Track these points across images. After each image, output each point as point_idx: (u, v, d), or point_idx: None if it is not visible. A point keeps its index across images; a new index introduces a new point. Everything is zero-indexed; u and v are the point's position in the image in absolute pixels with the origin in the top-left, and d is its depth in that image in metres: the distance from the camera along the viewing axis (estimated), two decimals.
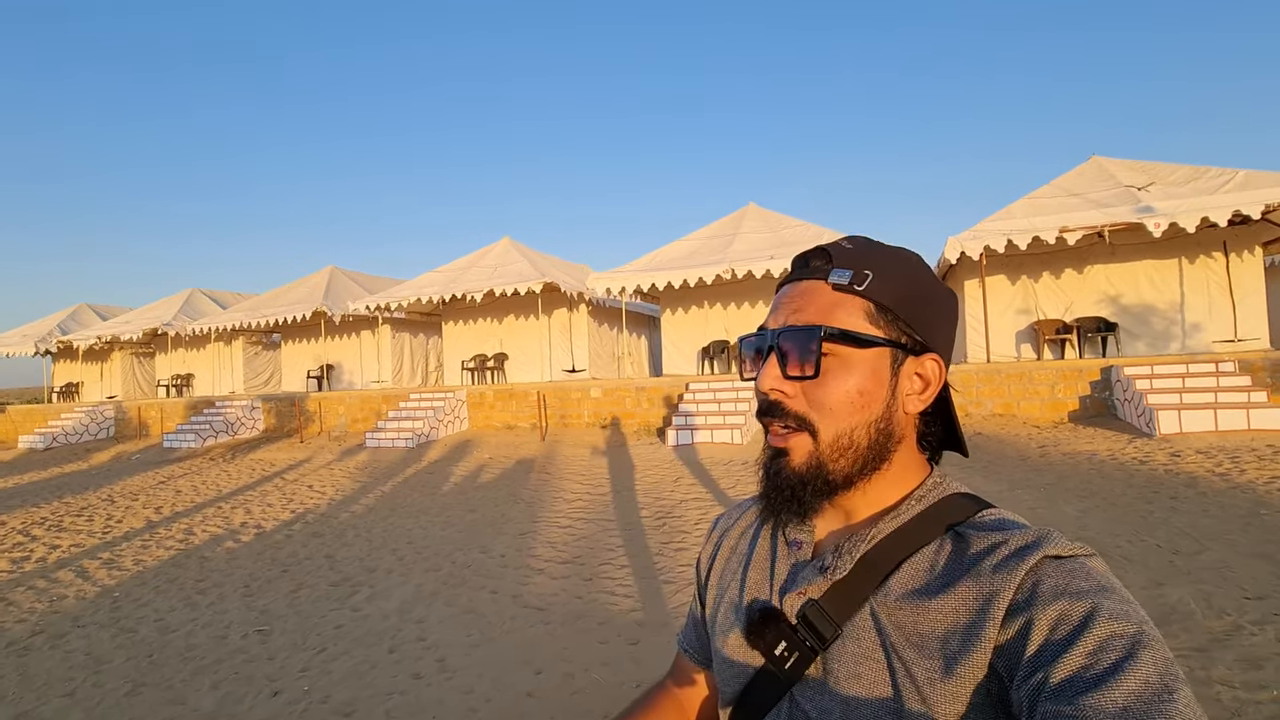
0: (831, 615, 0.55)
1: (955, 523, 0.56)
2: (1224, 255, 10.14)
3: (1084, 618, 0.44)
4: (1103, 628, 0.43)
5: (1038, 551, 0.49)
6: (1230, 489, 5.12)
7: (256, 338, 18.59)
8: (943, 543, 0.55)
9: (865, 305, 0.57)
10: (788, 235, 11.69)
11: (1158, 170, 9.91)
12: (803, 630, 0.56)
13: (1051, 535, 0.50)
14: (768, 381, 0.57)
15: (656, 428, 10.63)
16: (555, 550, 4.81)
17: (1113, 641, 0.42)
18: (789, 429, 0.57)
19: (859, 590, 0.55)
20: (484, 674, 3.00)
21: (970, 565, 0.51)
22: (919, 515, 0.57)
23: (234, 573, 4.74)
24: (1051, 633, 0.45)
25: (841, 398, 0.56)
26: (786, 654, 0.56)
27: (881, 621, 0.53)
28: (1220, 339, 10.08)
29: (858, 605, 0.55)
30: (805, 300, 0.58)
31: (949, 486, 0.60)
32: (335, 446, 11.53)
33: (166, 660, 3.35)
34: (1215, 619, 3.01)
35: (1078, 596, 0.45)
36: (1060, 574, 0.47)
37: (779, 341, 0.57)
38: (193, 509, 7.11)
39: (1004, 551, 0.50)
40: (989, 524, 0.54)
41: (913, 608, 0.52)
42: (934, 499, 0.58)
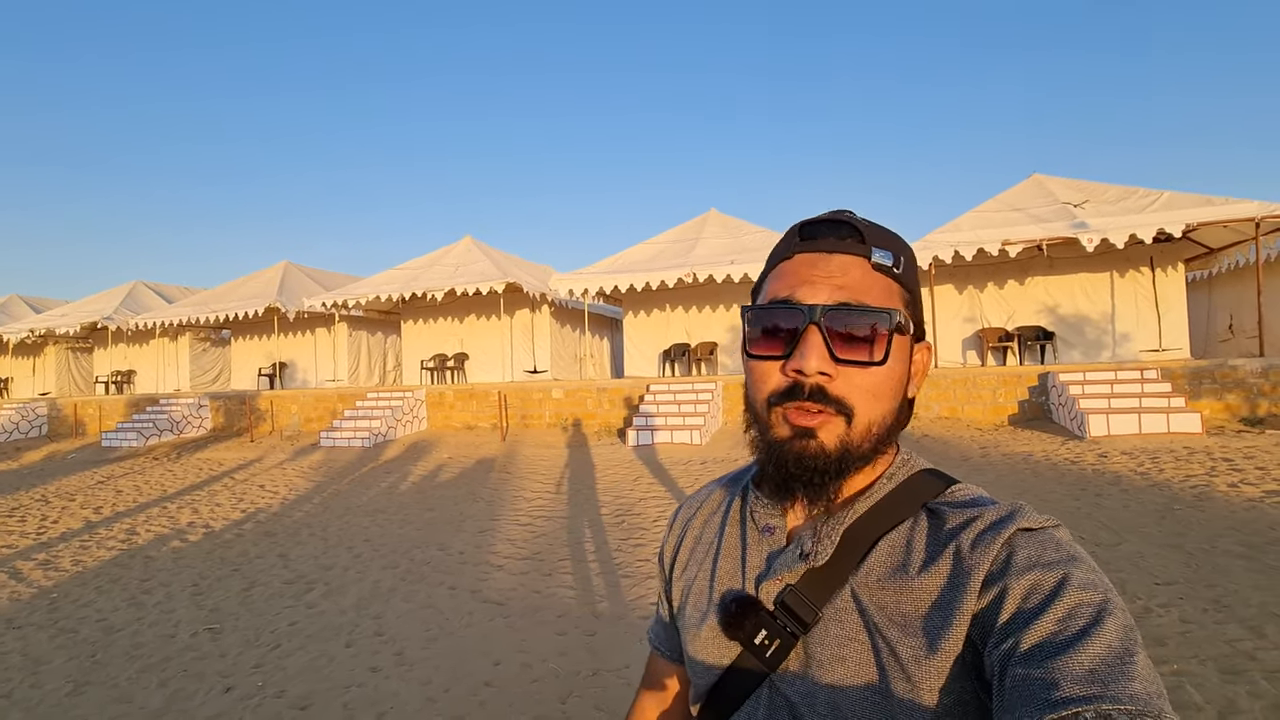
0: (811, 600, 0.54)
1: (928, 500, 0.56)
2: (1150, 270, 10.85)
3: (1055, 586, 0.46)
4: (1072, 596, 0.45)
5: (1011, 525, 0.50)
6: (1149, 486, 5.51)
7: (204, 334, 17.92)
8: (918, 520, 0.55)
9: (902, 291, 0.57)
10: (748, 241, 11.95)
11: (1092, 189, 10.53)
12: (782, 616, 0.55)
13: (1023, 509, 0.52)
14: (814, 363, 0.52)
15: (617, 428, 10.72)
16: (515, 547, 4.85)
17: (1081, 609, 0.44)
18: (825, 411, 0.53)
19: (838, 572, 0.54)
20: (442, 666, 3.04)
21: (948, 541, 0.52)
22: (892, 493, 0.57)
23: (181, 572, 4.63)
24: (1024, 600, 0.46)
25: (888, 384, 0.55)
26: (767, 642, 0.55)
27: (863, 602, 0.53)
28: (1146, 348, 10.77)
29: (837, 587, 0.54)
30: (850, 278, 0.55)
31: (916, 464, 0.60)
32: (288, 446, 11.24)
33: (111, 659, 3.27)
34: (1128, 603, 3.25)
35: (1049, 567, 0.47)
36: (1033, 545, 0.49)
37: (826, 319, 0.53)
38: (135, 509, 6.86)
39: (980, 526, 0.51)
40: (963, 501, 0.55)
41: (894, 586, 0.52)
42: (904, 477, 0.58)
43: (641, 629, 3.31)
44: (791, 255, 0.58)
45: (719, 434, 9.82)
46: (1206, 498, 5.05)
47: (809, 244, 0.57)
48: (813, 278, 0.55)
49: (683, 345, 13.13)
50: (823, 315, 0.53)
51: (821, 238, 0.57)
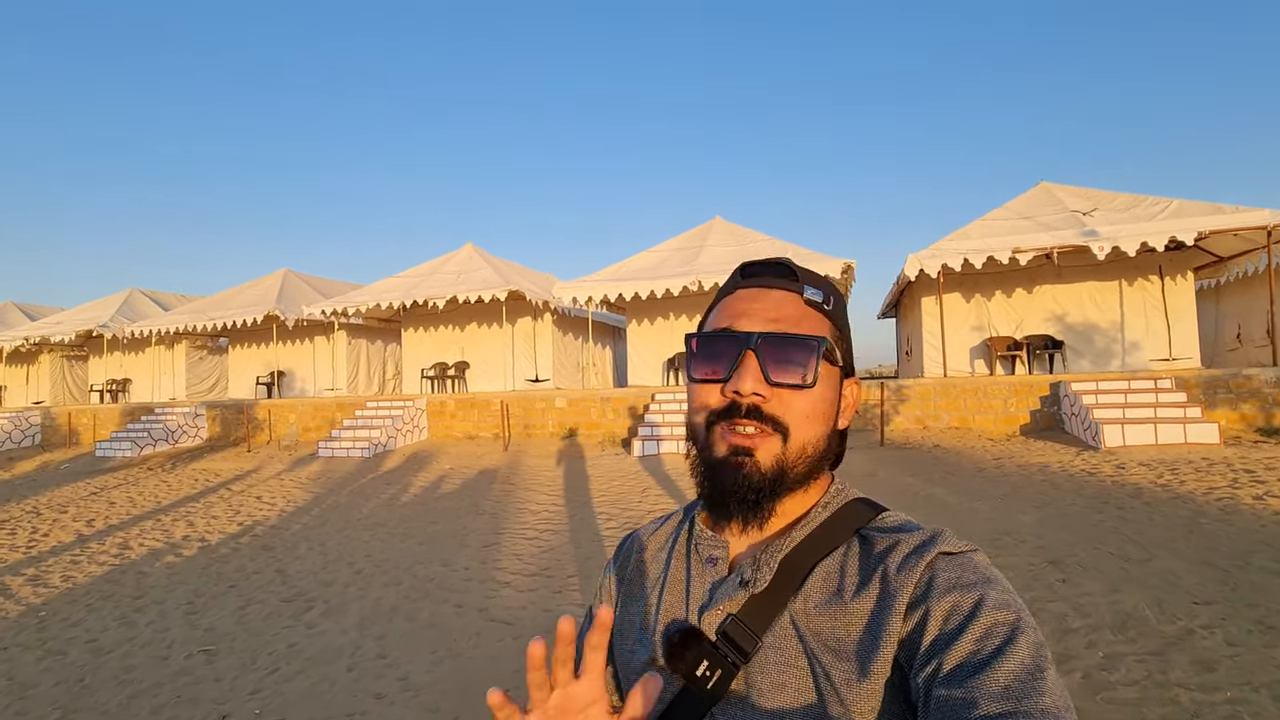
0: (752, 628, 0.56)
1: (860, 526, 0.59)
2: (1159, 279, 10.75)
3: (973, 607, 0.48)
4: (988, 616, 0.48)
5: (933, 548, 0.53)
6: (1172, 499, 5.37)
7: (201, 342, 17.75)
8: (850, 545, 0.58)
9: (830, 326, 0.61)
10: (754, 249, 11.85)
11: (1100, 197, 10.46)
12: (724, 646, 0.56)
13: (944, 534, 0.55)
14: (750, 384, 0.56)
15: (621, 438, 10.56)
16: (522, 562, 4.69)
17: (996, 628, 0.47)
18: (761, 431, 0.57)
19: (778, 599, 0.56)
20: (449, 690, 2.88)
21: (876, 565, 0.54)
22: (827, 521, 0.60)
23: (175, 589, 4.46)
24: (945, 622, 0.48)
25: (818, 407, 0.58)
26: (708, 673, 0.55)
27: (801, 628, 0.54)
28: (1156, 357, 10.65)
29: (777, 613, 0.55)
30: (784, 310, 0.59)
31: (849, 493, 0.63)
32: (286, 456, 11.06)
33: (100, 684, 3.10)
34: (1169, 624, 3.12)
35: (967, 589, 0.50)
36: (952, 568, 0.52)
37: (760, 345, 0.57)
38: (129, 521, 6.68)
39: (904, 550, 0.54)
40: (890, 526, 0.58)
41: (829, 612, 0.54)
42: (838, 505, 0.61)
43: None
44: (734, 291, 0.63)
45: None
46: (1233, 511, 4.91)
47: (749, 281, 0.62)
48: (750, 310, 0.60)
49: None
50: (758, 341, 0.57)
51: (760, 275, 0.62)
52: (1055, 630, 3.12)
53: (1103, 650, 2.91)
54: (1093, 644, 2.98)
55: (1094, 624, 3.17)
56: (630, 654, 0.64)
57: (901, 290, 13.50)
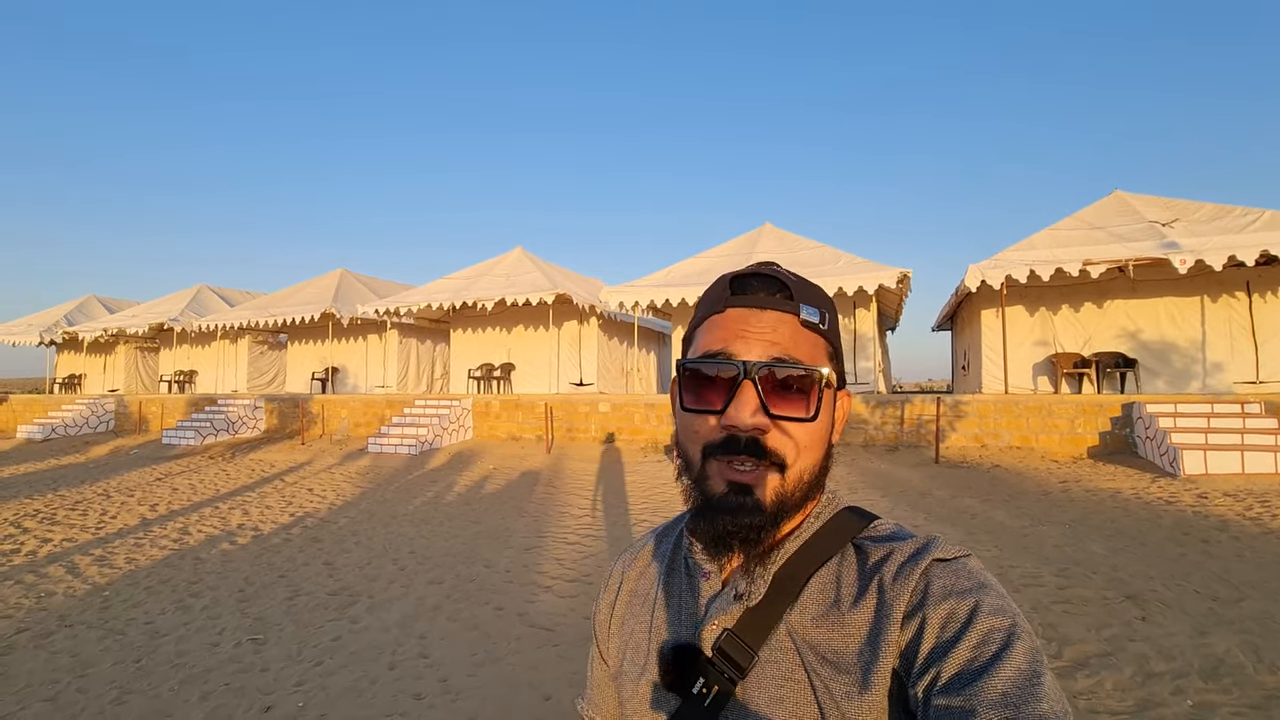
0: (747, 642, 0.55)
1: (852, 537, 0.58)
2: (1247, 295, 10.00)
3: (969, 613, 0.48)
4: (984, 622, 0.47)
5: (927, 555, 0.52)
6: (1264, 534, 4.93)
7: (263, 337, 18.53)
8: (845, 556, 0.57)
9: (826, 346, 0.58)
10: (803, 256, 11.61)
11: (1181, 207, 9.81)
12: (720, 662, 0.55)
13: (937, 540, 0.54)
14: (748, 416, 0.53)
15: (664, 445, 10.46)
16: (563, 567, 4.64)
17: (993, 635, 0.47)
18: (760, 466, 0.54)
19: (773, 612, 0.55)
20: (490, 697, 2.83)
21: (872, 575, 0.54)
22: (819, 532, 0.58)
23: (229, 576, 4.58)
24: (942, 631, 0.48)
25: (818, 436, 0.56)
26: (705, 690, 0.55)
27: (798, 640, 0.53)
28: (1242, 380, 9.90)
29: (773, 627, 0.54)
30: (781, 334, 0.56)
31: (840, 502, 0.61)
32: (337, 450, 11.38)
33: (155, 666, 3.18)
34: (1268, 674, 2.83)
35: (962, 595, 0.49)
36: (947, 575, 0.51)
37: (759, 375, 0.54)
38: (189, 508, 6.95)
39: (899, 559, 0.53)
40: (883, 535, 0.57)
41: (826, 624, 0.53)
42: (829, 515, 0.60)
43: None
44: (723, 309, 0.58)
45: None
46: None
47: (740, 298, 0.58)
48: (745, 333, 0.56)
49: None
50: (757, 371, 0.54)
51: (752, 293, 0.58)
52: (1137, 673, 2.86)
53: (1192, 699, 2.65)
54: (1180, 690, 2.72)
55: (1180, 668, 2.90)
56: (629, 676, 0.63)
57: (959, 302, 12.99)
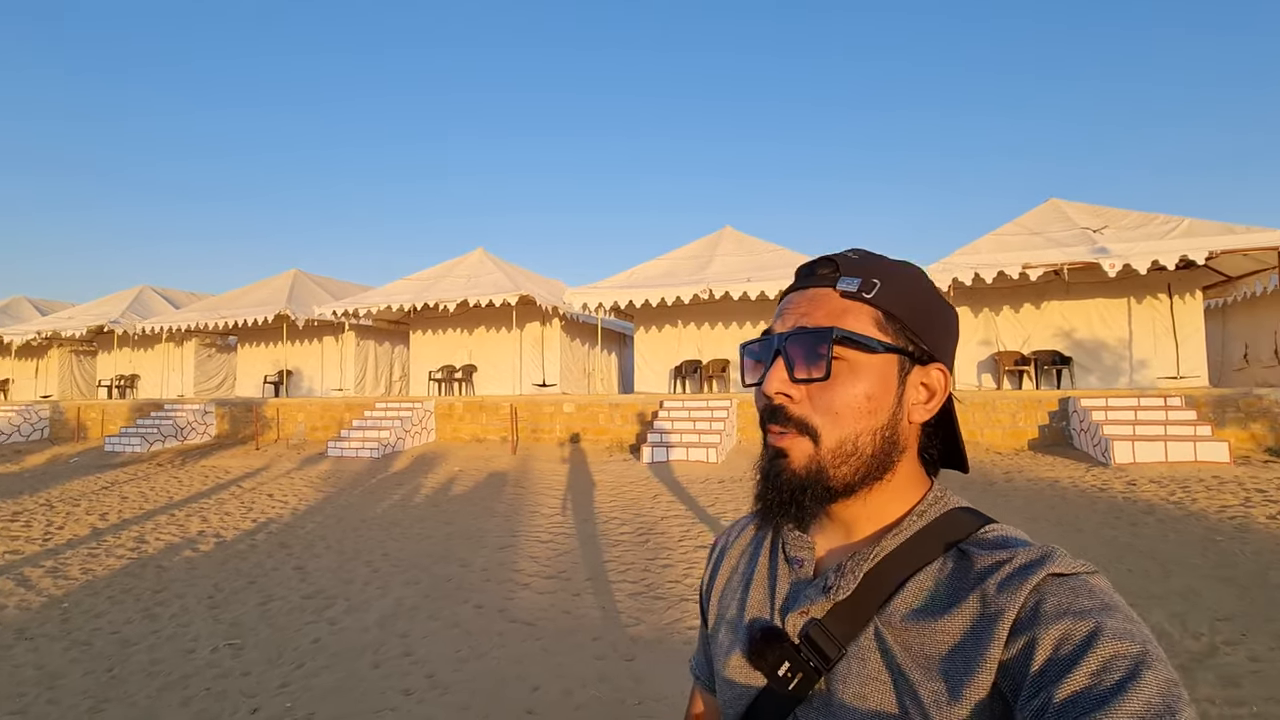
0: (835, 635, 0.54)
1: (958, 540, 0.54)
2: (1168, 297, 10.79)
3: (1087, 637, 0.43)
4: (1106, 647, 0.42)
5: (1041, 570, 0.48)
6: (1185, 516, 5.39)
7: (211, 339, 17.83)
8: (945, 561, 0.54)
9: (874, 313, 0.57)
10: (764, 259, 11.92)
11: (1110, 214, 10.52)
12: (806, 650, 0.55)
13: (1055, 553, 0.50)
14: (774, 385, 0.56)
15: (629, 444, 10.59)
16: (538, 565, 4.71)
17: (1116, 661, 0.42)
18: (790, 432, 0.56)
19: (863, 610, 0.54)
20: (478, 690, 2.90)
21: (974, 584, 0.51)
22: (921, 532, 0.56)
23: (196, 583, 4.49)
24: (1055, 652, 0.44)
25: (849, 402, 0.55)
26: (790, 674, 0.55)
27: (886, 642, 0.52)
28: (1164, 375, 10.68)
29: (862, 625, 0.54)
30: (813, 306, 0.57)
31: (950, 501, 0.58)
32: (295, 455, 11.09)
33: (129, 675, 3.13)
34: (1192, 640, 3.15)
35: (1081, 615, 0.45)
36: (1063, 592, 0.47)
37: (786, 345, 0.56)
38: (142, 516, 6.71)
39: (1007, 569, 0.50)
40: (991, 541, 0.53)
41: (918, 628, 0.51)
42: (935, 514, 0.57)
43: (683, 654, 3.18)
44: (785, 296, 0.62)
45: (734, 452, 9.69)
46: (1247, 530, 4.93)
47: (796, 283, 0.61)
48: (785, 310, 0.59)
49: (694, 362, 13.03)
50: (784, 341, 0.57)
51: (805, 275, 0.61)
52: None
53: None
54: None
55: None
56: (722, 648, 0.64)
57: None
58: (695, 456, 8.99)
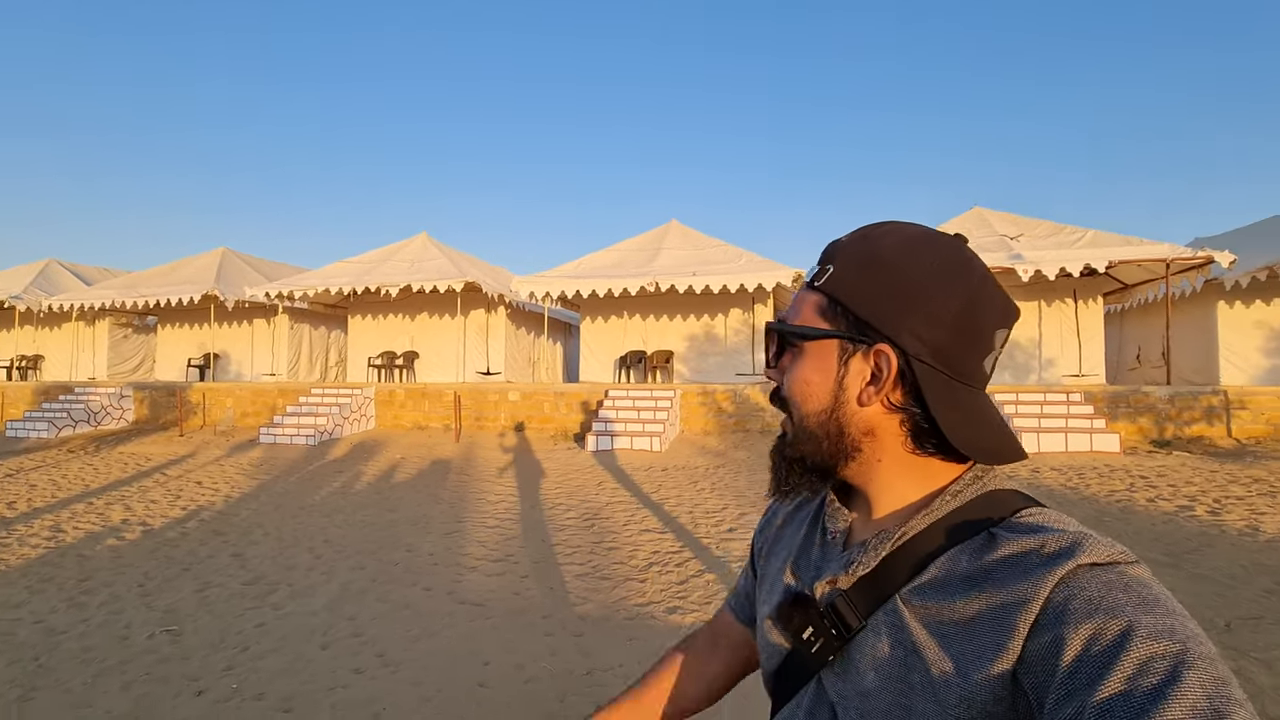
0: (858, 607, 0.55)
1: (991, 521, 0.52)
2: (1074, 301, 11.76)
3: (1119, 636, 0.40)
4: (1142, 648, 0.39)
5: (1071, 559, 0.45)
6: (1079, 500, 5.99)
7: (127, 319, 16.71)
8: (973, 543, 0.52)
9: (818, 300, 0.59)
10: (709, 254, 12.21)
11: (1026, 224, 11.35)
12: (830, 618, 0.57)
13: (1088, 540, 0.47)
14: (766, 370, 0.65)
15: (574, 433, 10.69)
16: (486, 549, 4.79)
17: (1153, 663, 0.39)
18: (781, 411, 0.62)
19: (886, 585, 0.54)
20: (430, 666, 2.99)
21: (998, 569, 0.49)
22: (953, 513, 0.54)
23: (124, 572, 4.34)
24: (1084, 653, 0.41)
25: (793, 387, 0.60)
26: (812, 639, 0.58)
27: (904, 619, 0.52)
28: (1068, 373, 11.65)
29: (883, 600, 0.54)
30: (796, 299, 0.63)
31: (989, 483, 0.56)
32: (223, 441, 10.63)
33: (59, 664, 3.05)
34: None
35: (1113, 613, 0.42)
36: (1095, 585, 0.44)
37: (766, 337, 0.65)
38: (57, 504, 6.35)
39: (1034, 558, 0.47)
40: (1024, 526, 0.51)
41: (937, 608, 0.51)
42: (971, 495, 0.55)
43: (627, 630, 3.36)
44: None
45: (677, 441, 9.95)
46: (1130, 512, 5.53)
47: None
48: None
49: (639, 353, 13.23)
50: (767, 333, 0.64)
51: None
52: None
53: None
54: None
55: None
56: (763, 604, 0.69)
57: None
58: (639, 445, 9.20)
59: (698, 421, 10.79)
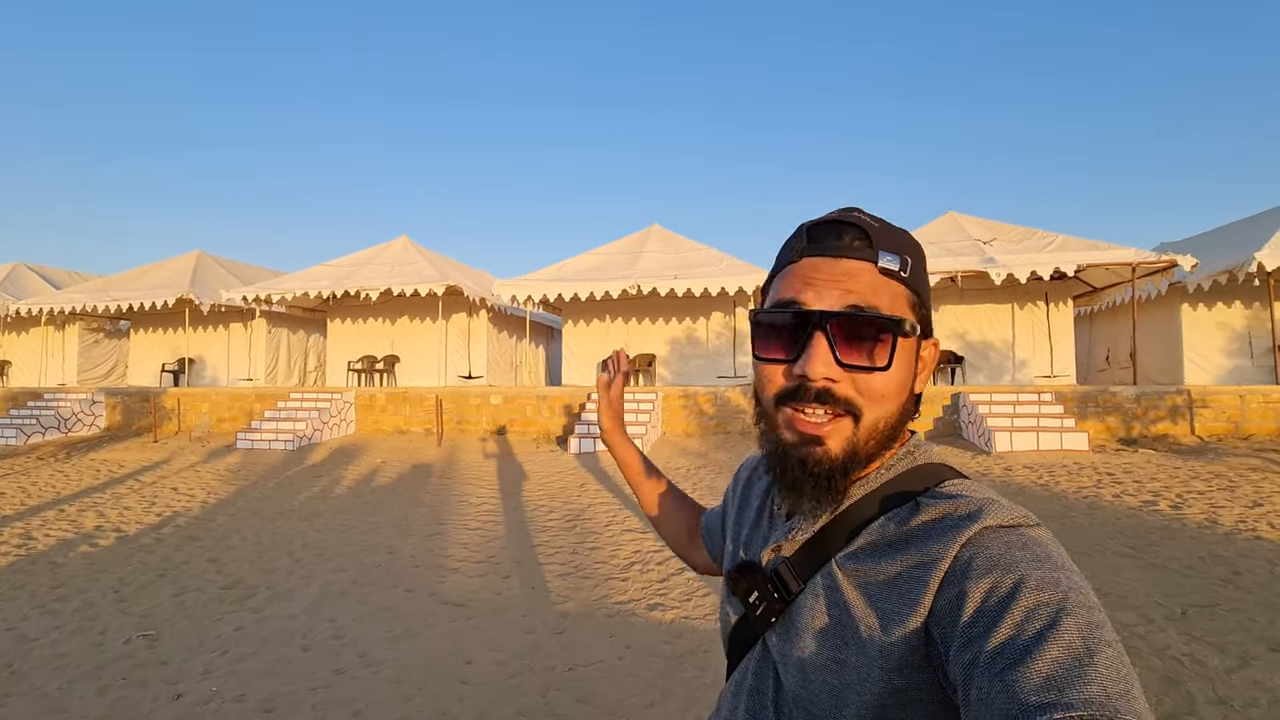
0: (798, 571, 0.59)
1: (916, 491, 0.57)
2: (1045, 304, 12.06)
3: (1011, 589, 0.45)
4: (1028, 598, 0.44)
5: (978, 521, 0.50)
6: (1049, 496, 6.16)
7: (99, 324, 16.37)
8: (900, 510, 0.56)
9: (909, 294, 0.58)
10: (690, 257, 12.31)
11: (999, 228, 11.62)
12: (773, 583, 0.60)
13: (993, 505, 0.51)
14: (820, 368, 0.54)
15: (556, 436, 10.70)
16: (468, 551, 4.81)
17: (1037, 611, 0.43)
18: (832, 416, 0.55)
19: (824, 551, 0.58)
20: (411, 665, 3.01)
21: (918, 532, 0.53)
22: (885, 484, 0.58)
23: (98, 578, 4.28)
24: (982, 605, 0.45)
25: (894, 387, 0.56)
26: (758, 603, 0.61)
27: (838, 580, 0.56)
28: (1040, 374, 11.94)
29: (820, 564, 0.58)
30: (856, 283, 0.56)
31: (921, 455, 0.60)
32: (199, 447, 10.47)
33: (32, 670, 3.02)
34: None
35: (1008, 568, 0.46)
36: (997, 544, 0.48)
37: (833, 325, 0.55)
38: (26, 512, 6.22)
39: (948, 522, 0.52)
40: (944, 494, 0.55)
41: (865, 569, 0.54)
42: (904, 468, 0.59)
43: (609, 627, 3.40)
44: (798, 259, 0.59)
45: (659, 443, 10.02)
46: (1096, 507, 5.71)
47: (816, 246, 0.58)
48: (818, 281, 0.56)
49: None
50: (830, 321, 0.54)
51: (829, 240, 0.57)
52: None
53: None
54: None
55: None
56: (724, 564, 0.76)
57: None
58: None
59: (679, 423, 10.87)
